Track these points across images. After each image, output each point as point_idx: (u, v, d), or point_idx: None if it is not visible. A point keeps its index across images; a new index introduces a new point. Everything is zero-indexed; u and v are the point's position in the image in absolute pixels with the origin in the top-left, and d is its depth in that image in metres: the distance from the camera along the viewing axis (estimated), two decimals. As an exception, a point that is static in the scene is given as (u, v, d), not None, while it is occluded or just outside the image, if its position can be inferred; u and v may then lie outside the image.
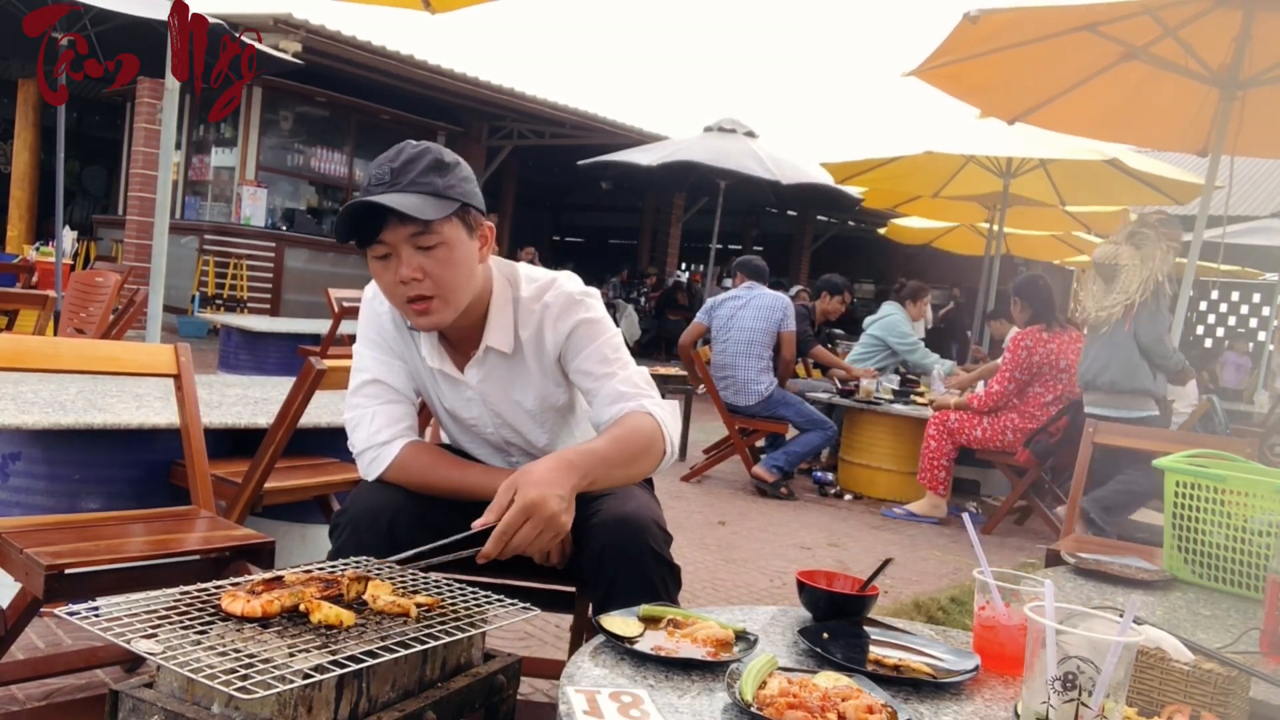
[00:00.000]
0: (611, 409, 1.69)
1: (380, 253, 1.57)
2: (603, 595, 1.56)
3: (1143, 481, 4.03)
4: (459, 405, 1.78)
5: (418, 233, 1.55)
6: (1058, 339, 5.02)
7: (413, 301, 1.59)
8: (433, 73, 10.61)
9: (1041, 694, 0.98)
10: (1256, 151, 5.54)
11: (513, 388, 1.76)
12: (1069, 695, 0.96)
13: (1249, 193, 14.87)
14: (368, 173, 1.59)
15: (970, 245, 11.95)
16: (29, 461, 2.44)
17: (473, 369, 1.73)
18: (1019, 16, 4.39)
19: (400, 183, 1.54)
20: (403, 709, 1.18)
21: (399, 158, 1.57)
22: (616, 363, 1.72)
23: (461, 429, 1.84)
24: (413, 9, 4.21)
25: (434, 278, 1.57)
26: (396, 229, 1.54)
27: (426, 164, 1.56)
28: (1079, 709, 0.95)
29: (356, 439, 1.72)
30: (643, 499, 1.71)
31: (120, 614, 1.14)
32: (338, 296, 5.81)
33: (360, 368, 1.76)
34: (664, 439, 1.67)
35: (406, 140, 1.63)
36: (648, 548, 1.57)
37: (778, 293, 6.00)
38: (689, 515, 4.81)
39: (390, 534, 1.59)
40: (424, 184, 1.55)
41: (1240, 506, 1.94)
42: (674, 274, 16.53)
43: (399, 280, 1.57)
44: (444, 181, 1.57)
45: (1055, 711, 0.96)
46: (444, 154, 1.60)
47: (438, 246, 1.56)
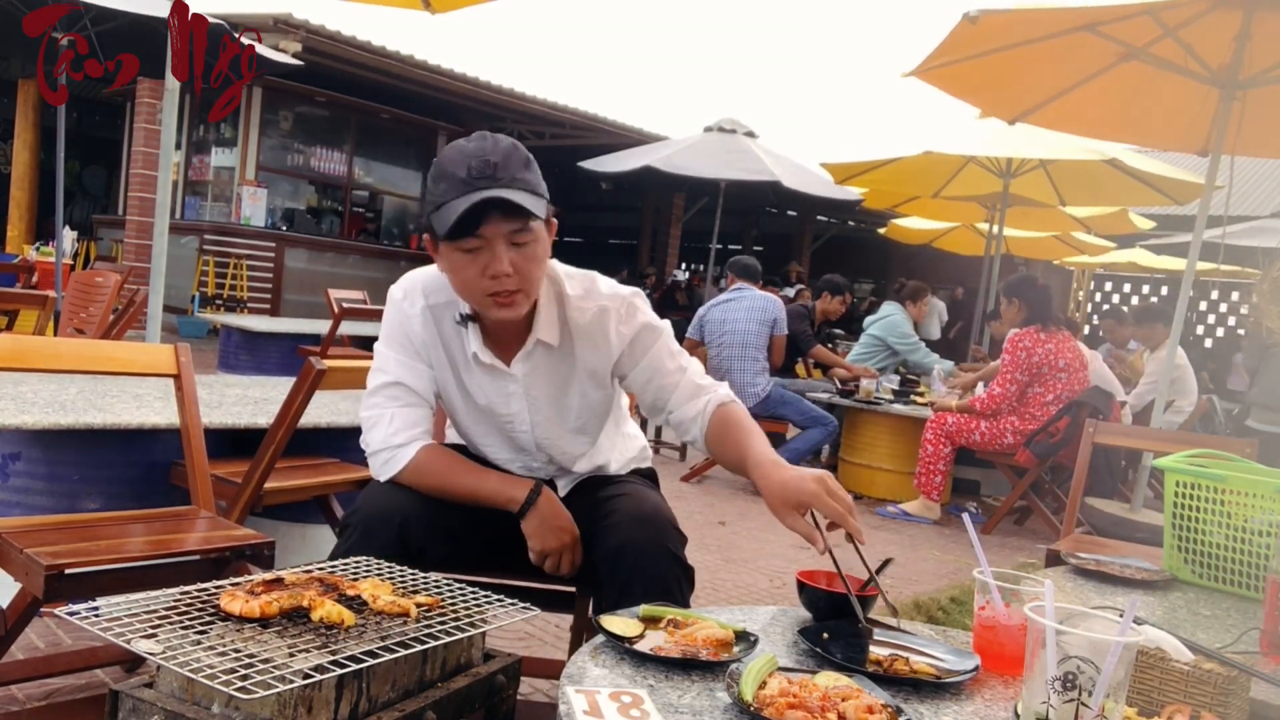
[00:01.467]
0: (696, 402, 1.75)
1: (472, 245, 1.55)
2: (617, 594, 1.57)
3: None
4: (498, 400, 1.77)
5: (518, 229, 1.55)
6: (1054, 339, 5.02)
7: (497, 295, 1.59)
8: (433, 73, 10.61)
9: (1041, 694, 0.98)
10: (1256, 151, 5.53)
11: (556, 382, 1.77)
12: (1069, 695, 0.96)
13: (1249, 193, 14.87)
14: (458, 162, 1.54)
15: (970, 245, 11.95)
16: (29, 461, 2.44)
17: (519, 362, 1.73)
18: (1019, 17, 4.39)
19: (503, 178, 1.53)
20: (403, 709, 1.18)
21: (496, 151, 1.55)
22: (682, 356, 1.79)
23: (488, 426, 1.82)
24: (413, 9, 4.21)
25: (522, 273, 1.58)
26: (498, 224, 1.53)
27: (521, 159, 1.57)
28: (1079, 709, 0.95)
29: (372, 439, 1.71)
30: (658, 501, 1.73)
31: (120, 614, 1.14)
32: (337, 297, 5.82)
33: (381, 368, 1.75)
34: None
35: (483, 132, 1.61)
36: (665, 549, 1.58)
37: (768, 294, 5.99)
38: (689, 515, 4.81)
39: (401, 536, 1.59)
40: (523, 180, 1.55)
41: (1240, 506, 1.94)
42: (673, 274, 16.53)
43: (489, 274, 1.56)
44: (535, 178, 1.58)
45: (1055, 711, 0.96)
46: (523, 149, 1.60)
47: (530, 243, 1.57)
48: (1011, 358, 5.03)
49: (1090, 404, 4.90)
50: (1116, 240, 11.91)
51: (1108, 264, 13.91)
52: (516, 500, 1.67)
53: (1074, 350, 5.08)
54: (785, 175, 9.31)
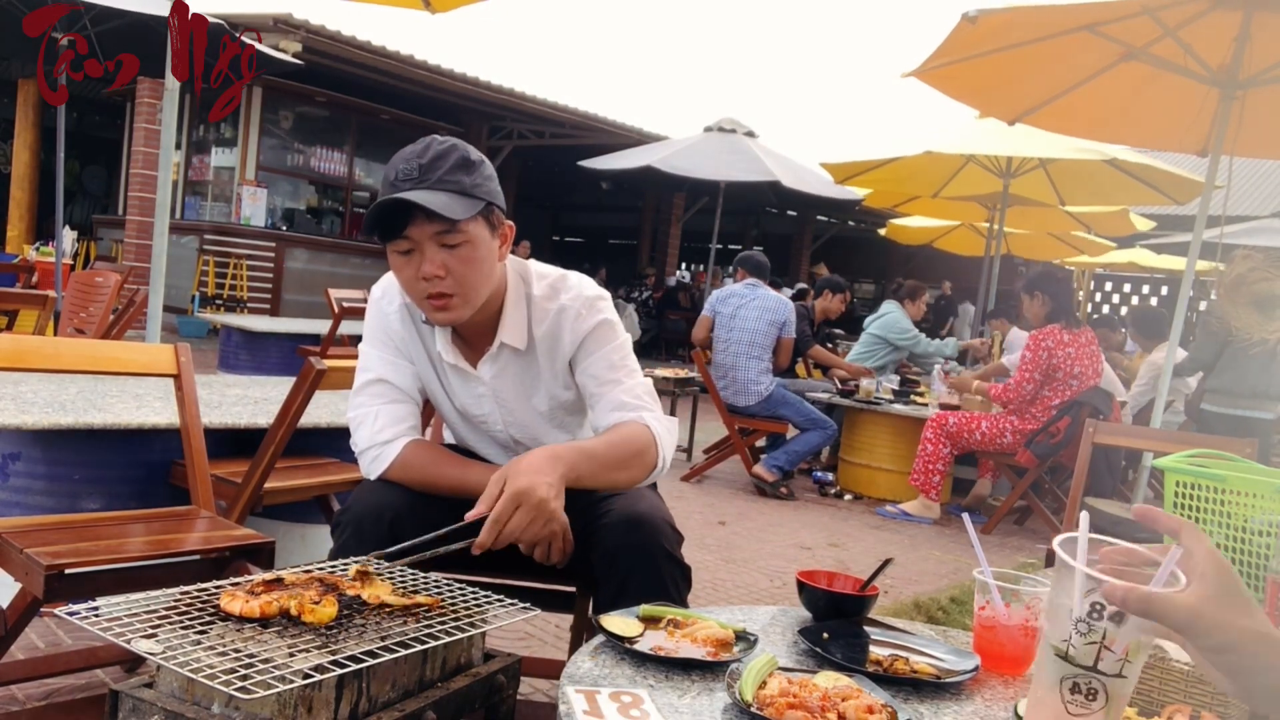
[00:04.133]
0: (611, 416, 1.71)
1: (403, 248, 1.57)
2: (614, 594, 1.56)
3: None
4: (470, 402, 1.78)
5: (444, 231, 1.55)
6: (1077, 341, 4.98)
7: (432, 298, 1.59)
8: (433, 73, 10.61)
9: (1064, 631, 0.92)
10: (1256, 151, 5.53)
11: (524, 384, 1.77)
12: (1092, 635, 0.90)
13: (1249, 193, 14.87)
14: (392, 166, 1.58)
15: (970, 245, 11.95)
16: (29, 461, 2.44)
17: (486, 364, 1.73)
18: (1018, 17, 4.38)
19: (428, 179, 1.54)
20: (403, 709, 1.18)
21: (427, 154, 1.56)
22: (623, 369, 1.74)
23: (470, 427, 1.84)
24: (413, 9, 4.21)
25: (456, 275, 1.58)
26: (423, 226, 1.54)
27: (454, 161, 1.56)
28: (1101, 650, 0.90)
29: (359, 437, 1.72)
30: (654, 500, 1.72)
31: (120, 614, 1.14)
32: (337, 296, 5.81)
33: (365, 367, 1.76)
34: (657, 452, 1.69)
35: (433, 135, 1.62)
36: (661, 548, 1.57)
37: (780, 295, 6.01)
38: (689, 515, 4.81)
39: (392, 533, 1.59)
40: (451, 182, 1.55)
41: (1240, 506, 1.94)
42: (674, 275, 16.53)
43: (421, 276, 1.57)
44: (470, 180, 1.57)
45: (1076, 650, 0.91)
46: (470, 151, 1.60)
47: (462, 245, 1.57)
48: (1033, 355, 4.99)
49: (1090, 404, 4.90)
50: (1116, 240, 11.91)
51: (1108, 264, 13.93)
52: None
53: (1092, 355, 5.03)
54: (785, 175, 9.31)
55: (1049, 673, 0.94)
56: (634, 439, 1.67)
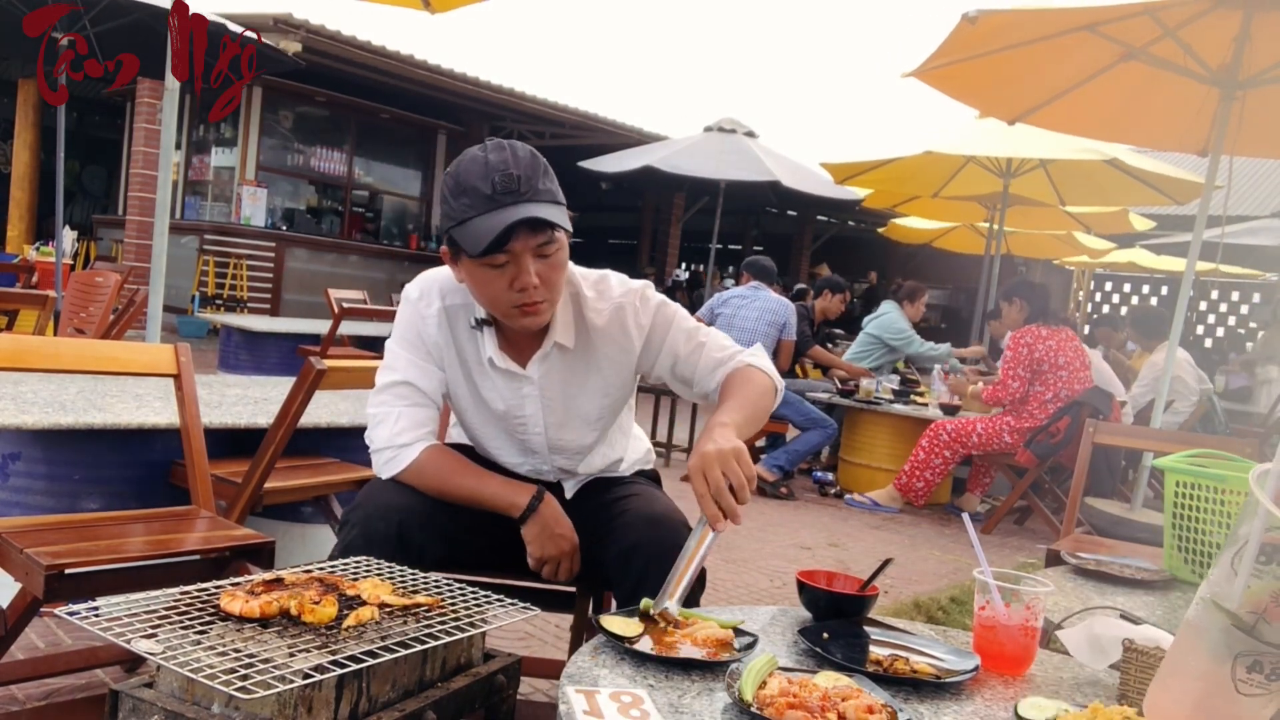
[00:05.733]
0: (717, 375, 1.75)
1: (500, 261, 1.54)
2: (630, 593, 1.57)
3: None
4: (513, 403, 1.77)
5: (545, 242, 1.55)
6: (1056, 335, 5.07)
7: (524, 305, 1.59)
8: (433, 73, 10.61)
9: (1229, 573, 0.84)
10: (1256, 151, 5.53)
11: (571, 382, 1.77)
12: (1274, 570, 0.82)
13: (1249, 193, 14.87)
14: (479, 176, 1.52)
15: (970, 245, 11.95)
16: (29, 461, 2.44)
17: (535, 365, 1.73)
18: (1018, 17, 4.38)
19: (528, 191, 1.52)
20: (403, 709, 1.18)
21: (518, 163, 1.53)
22: (699, 333, 1.79)
23: (500, 429, 1.81)
24: (413, 9, 4.21)
25: (547, 282, 1.58)
26: (526, 239, 1.53)
27: (541, 169, 1.56)
28: (1269, 607, 0.83)
29: (377, 436, 1.71)
30: (669, 502, 1.74)
31: (120, 614, 1.14)
32: (337, 297, 5.82)
33: (391, 366, 1.75)
34: (770, 379, 1.75)
35: (498, 140, 1.59)
36: (678, 549, 1.58)
37: (782, 297, 6.01)
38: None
39: (399, 534, 1.59)
40: (546, 192, 1.55)
41: (1240, 506, 1.94)
42: (674, 274, 16.53)
43: (517, 287, 1.56)
44: (555, 186, 1.58)
45: (1251, 589, 0.82)
46: (540, 156, 1.59)
47: (556, 253, 1.58)
48: (1014, 353, 5.07)
49: (1090, 404, 4.91)
50: (1116, 240, 11.91)
51: (1108, 264, 13.92)
52: (519, 506, 1.67)
53: (1075, 348, 5.11)
54: (785, 175, 9.31)
55: (1214, 644, 0.86)
56: (749, 382, 1.71)
